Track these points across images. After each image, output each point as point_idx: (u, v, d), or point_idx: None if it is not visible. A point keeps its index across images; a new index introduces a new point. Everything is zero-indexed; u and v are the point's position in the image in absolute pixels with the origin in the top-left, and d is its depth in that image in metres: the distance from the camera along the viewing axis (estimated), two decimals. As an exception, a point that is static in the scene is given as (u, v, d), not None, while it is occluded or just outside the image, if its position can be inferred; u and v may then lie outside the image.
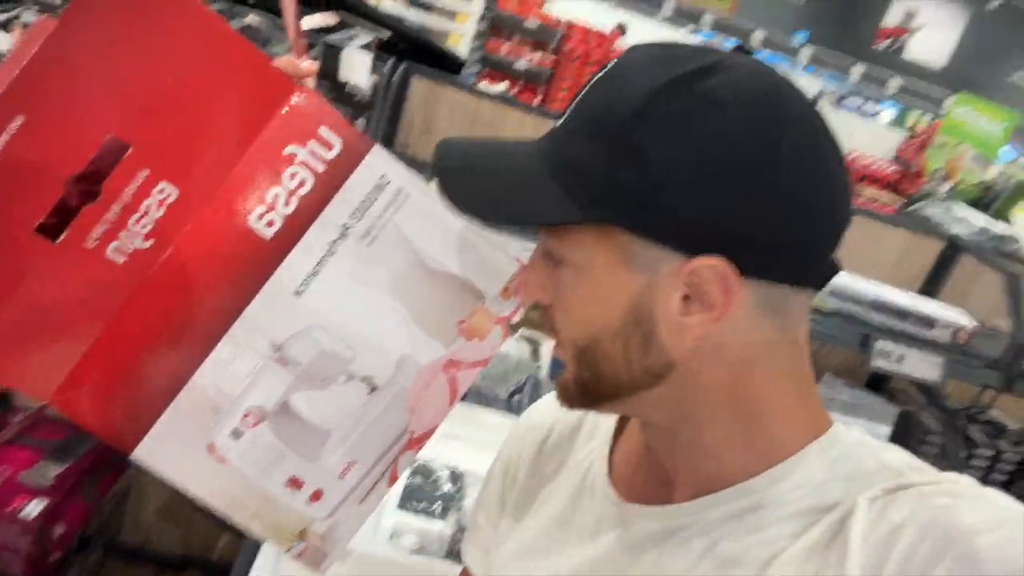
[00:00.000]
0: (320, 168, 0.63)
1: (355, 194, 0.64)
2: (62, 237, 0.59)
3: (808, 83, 8.00)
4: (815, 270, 0.48)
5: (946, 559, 0.40)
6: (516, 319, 0.69)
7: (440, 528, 1.15)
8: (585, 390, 0.52)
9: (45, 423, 1.30)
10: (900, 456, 0.49)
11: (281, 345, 0.65)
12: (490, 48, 5.01)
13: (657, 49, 0.48)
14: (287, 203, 0.64)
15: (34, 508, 1.16)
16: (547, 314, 0.53)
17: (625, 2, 8.88)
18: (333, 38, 1.12)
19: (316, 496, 0.68)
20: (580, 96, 0.49)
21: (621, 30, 6.17)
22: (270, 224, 0.63)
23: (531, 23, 5.12)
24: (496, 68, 5.00)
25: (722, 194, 0.43)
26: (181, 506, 1.56)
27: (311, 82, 0.68)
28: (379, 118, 1.15)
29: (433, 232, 0.65)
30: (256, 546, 1.06)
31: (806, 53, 9.45)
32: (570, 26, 5.20)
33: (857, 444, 0.50)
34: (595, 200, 0.46)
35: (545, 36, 5.12)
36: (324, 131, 0.63)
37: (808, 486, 0.48)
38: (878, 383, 2.03)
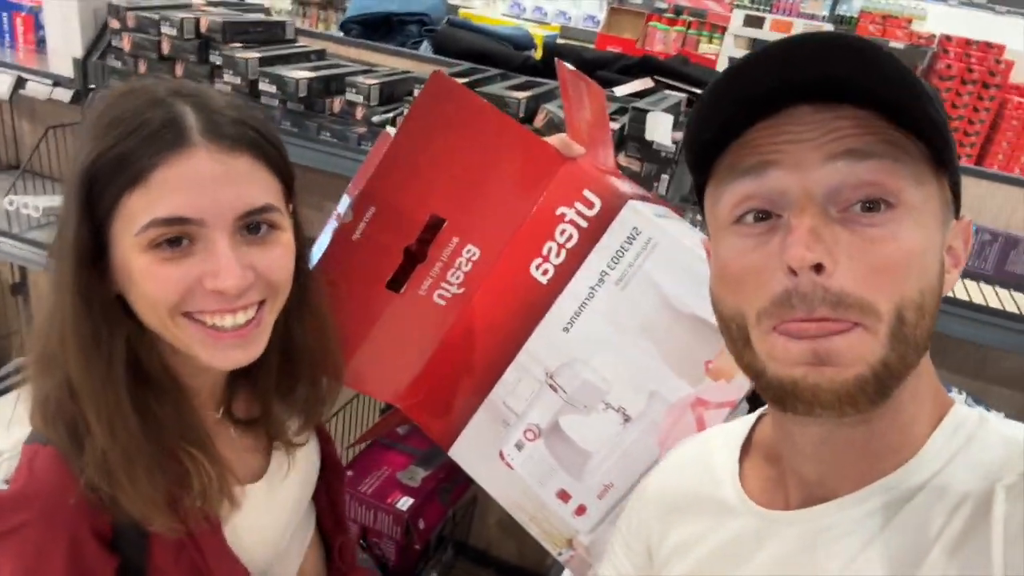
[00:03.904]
0: (584, 224, 0.75)
1: (611, 245, 0.73)
2: (403, 289, 0.80)
3: None
4: None
5: None
6: None
7: None
8: (887, 376, 0.43)
9: (416, 433, 1.61)
10: (1020, 430, 0.46)
11: (552, 373, 0.76)
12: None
13: None
14: (558, 255, 0.76)
15: (405, 503, 1.44)
16: (828, 279, 0.42)
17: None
18: (641, 103, 1.23)
19: (580, 510, 0.78)
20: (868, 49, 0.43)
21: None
22: (545, 272, 0.76)
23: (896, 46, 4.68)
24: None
25: None
26: (516, 521, 1.74)
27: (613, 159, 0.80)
28: (683, 171, 1.23)
29: (680, 277, 0.71)
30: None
31: None
32: (944, 41, 4.61)
33: (979, 423, 0.48)
34: (944, 140, 0.43)
35: (914, 57, 4.62)
36: (587, 192, 0.74)
37: (943, 475, 0.46)
38: None
